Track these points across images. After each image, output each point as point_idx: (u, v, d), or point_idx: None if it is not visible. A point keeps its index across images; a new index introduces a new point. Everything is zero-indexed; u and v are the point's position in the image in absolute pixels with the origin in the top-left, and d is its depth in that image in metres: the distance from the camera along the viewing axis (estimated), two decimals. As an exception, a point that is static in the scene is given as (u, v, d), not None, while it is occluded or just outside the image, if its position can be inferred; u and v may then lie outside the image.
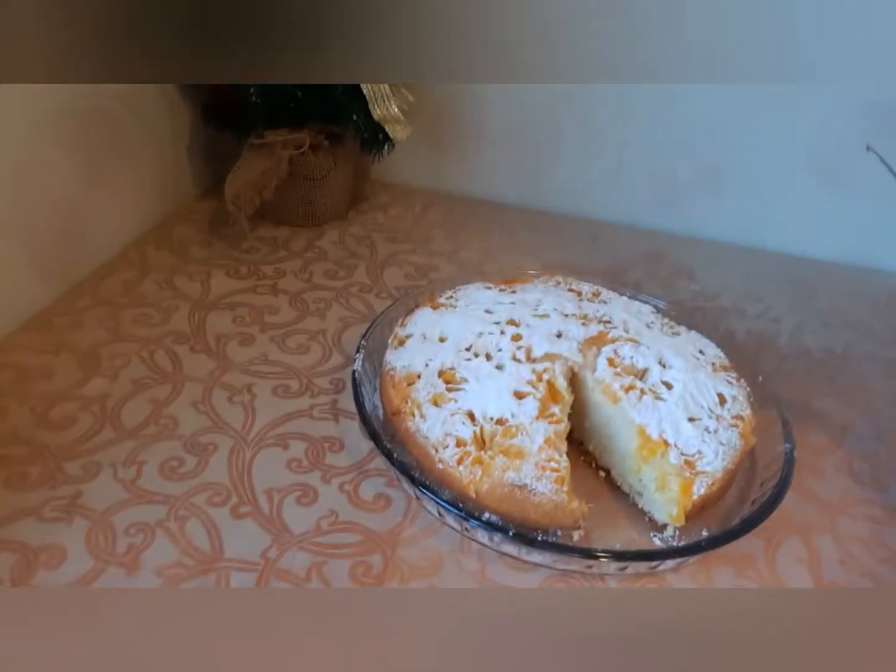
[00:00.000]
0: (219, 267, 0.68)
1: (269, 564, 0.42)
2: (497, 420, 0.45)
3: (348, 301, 0.65)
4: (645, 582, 0.43)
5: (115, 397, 0.52)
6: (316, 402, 0.54)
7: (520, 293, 0.57)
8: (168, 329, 0.59)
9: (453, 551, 0.43)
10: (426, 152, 0.85)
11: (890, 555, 0.45)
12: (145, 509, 0.44)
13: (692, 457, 0.44)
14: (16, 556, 0.41)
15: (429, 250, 0.74)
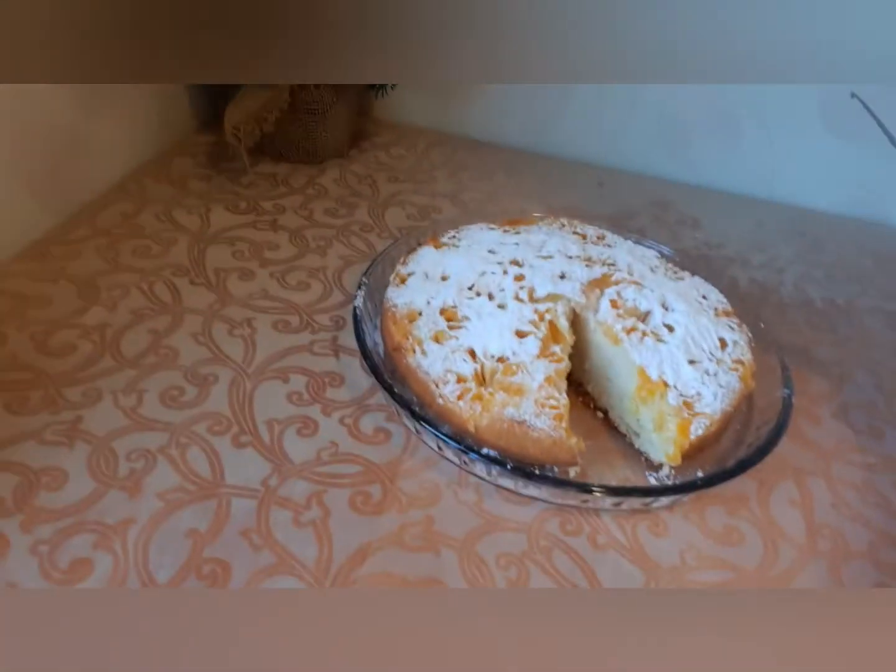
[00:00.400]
0: (218, 201, 0.67)
1: (269, 491, 0.42)
2: (498, 358, 0.45)
3: (349, 239, 0.65)
4: (639, 519, 0.43)
5: (114, 327, 0.52)
6: (316, 338, 0.53)
7: (524, 234, 0.57)
8: (167, 261, 0.59)
9: (451, 483, 0.44)
10: (431, 91, 0.82)
11: (881, 500, 0.46)
12: (146, 436, 0.44)
13: (691, 398, 0.44)
14: (17, 478, 0.41)
15: (431, 191, 0.73)
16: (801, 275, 0.67)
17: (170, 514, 0.40)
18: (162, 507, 0.41)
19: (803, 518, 0.44)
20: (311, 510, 0.41)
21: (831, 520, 0.44)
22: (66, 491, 0.41)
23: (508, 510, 0.43)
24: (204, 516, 0.40)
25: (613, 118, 0.79)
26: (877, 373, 0.56)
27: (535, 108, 0.81)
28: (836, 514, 0.45)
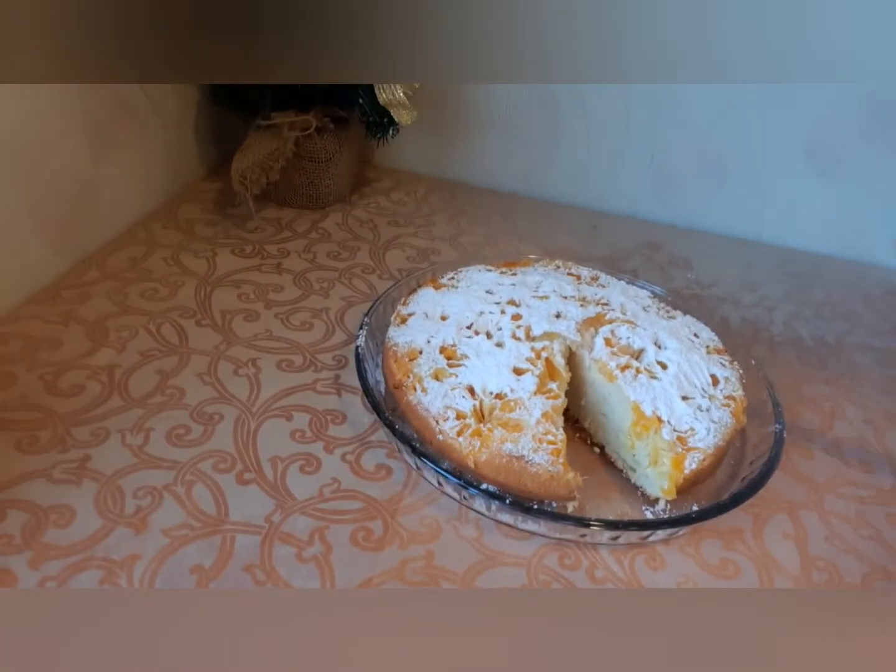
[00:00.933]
0: (224, 245, 0.69)
1: (272, 528, 0.43)
2: (496, 395, 0.46)
3: (351, 281, 0.67)
4: (636, 553, 0.44)
5: (122, 367, 0.53)
6: (319, 377, 0.55)
7: (520, 276, 0.59)
8: (174, 303, 0.61)
9: (451, 519, 0.45)
10: (430, 138, 0.86)
11: (875, 532, 0.47)
12: (153, 474, 0.45)
13: (684, 433, 0.46)
14: (26, 515, 0.42)
15: (431, 234, 0.75)
16: (791, 313, 0.68)
17: (175, 550, 0.41)
18: (167, 544, 0.41)
19: (797, 551, 0.45)
20: (313, 546, 0.42)
21: (825, 552, 0.45)
22: (73, 528, 0.42)
23: (508, 545, 0.44)
24: (208, 552, 0.41)
25: (605, 163, 0.82)
26: (866, 407, 0.57)
27: (530, 154, 0.84)
28: (829, 546, 0.46)
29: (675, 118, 0.77)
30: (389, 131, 0.73)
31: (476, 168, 0.86)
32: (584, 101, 0.79)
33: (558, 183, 0.84)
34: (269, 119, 0.70)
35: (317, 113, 0.72)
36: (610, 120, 0.79)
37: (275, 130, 0.70)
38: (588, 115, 0.79)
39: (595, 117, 0.79)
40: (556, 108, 0.80)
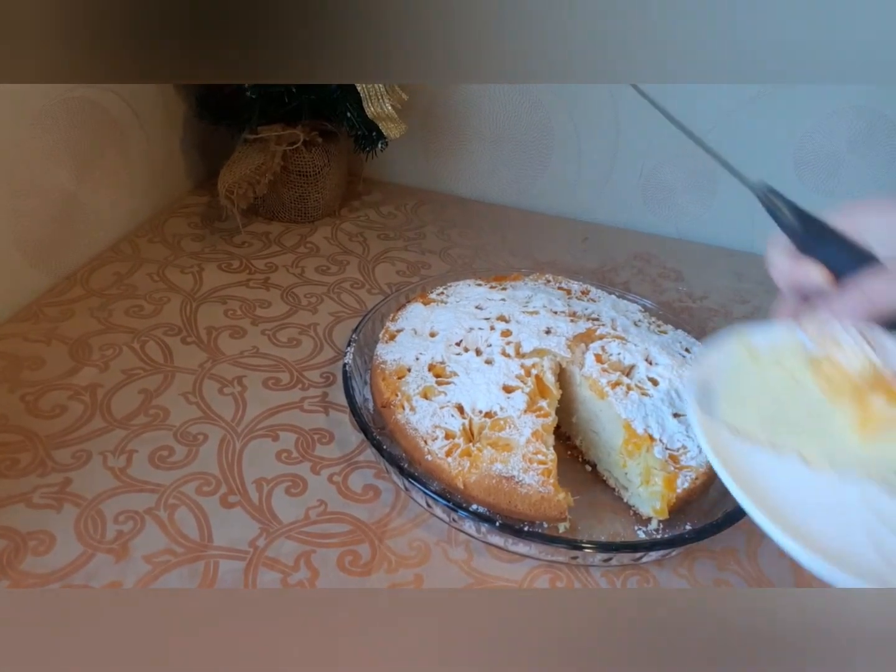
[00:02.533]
0: (211, 260, 0.68)
1: (257, 553, 0.42)
2: (486, 413, 0.46)
3: (340, 296, 0.66)
4: (629, 574, 0.43)
5: (105, 387, 0.52)
6: (306, 395, 0.54)
7: (510, 290, 0.58)
8: (159, 320, 0.60)
9: (440, 542, 0.44)
10: (419, 151, 0.85)
11: (869, 550, 0.46)
12: (135, 497, 0.44)
13: (677, 451, 0.45)
14: (4, 542, 0.41)
15: (420, 247, 0.75)
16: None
17: (157, 577, 0.40)
18: (149, 571, 0.40)
19: (792, 571, 0.44)
20: (299, 571, 0.41)
21: (821, 572, 0.44)
22: (53, 555, 0.41)
23: (498, 568, 0.43)
24: (191, 579, 0.40)
25: (595, 175, 0.81)
26: (860, 422, 0.57)
27: (520, 166, 0.83)
28: (825, 566, 0.45)
29: (665, 130, 0.76)
30: (378, 144, 0.72)
31: (466, 180, 0.86)
32: (573, 114, 0.78)
33: (548, 195, 0.84)
34: (256, 133, 0.70)
35: (304, 127, 0.71)
36: (600, 132, 0.79)
37: (262, 144, 0.70)
38: (578, 126, 0.79)
39: (585, 129, 0.79)
40: (546, 120, 0.80)
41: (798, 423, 0.31)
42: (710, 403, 0.35)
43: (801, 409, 0.31)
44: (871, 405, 0.28)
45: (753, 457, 0.32)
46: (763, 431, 0.32)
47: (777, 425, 0.32)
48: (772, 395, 0.32)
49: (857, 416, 0.28)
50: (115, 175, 0.68)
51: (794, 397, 0.31)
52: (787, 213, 0.37)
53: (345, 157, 0.77)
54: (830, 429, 0.29)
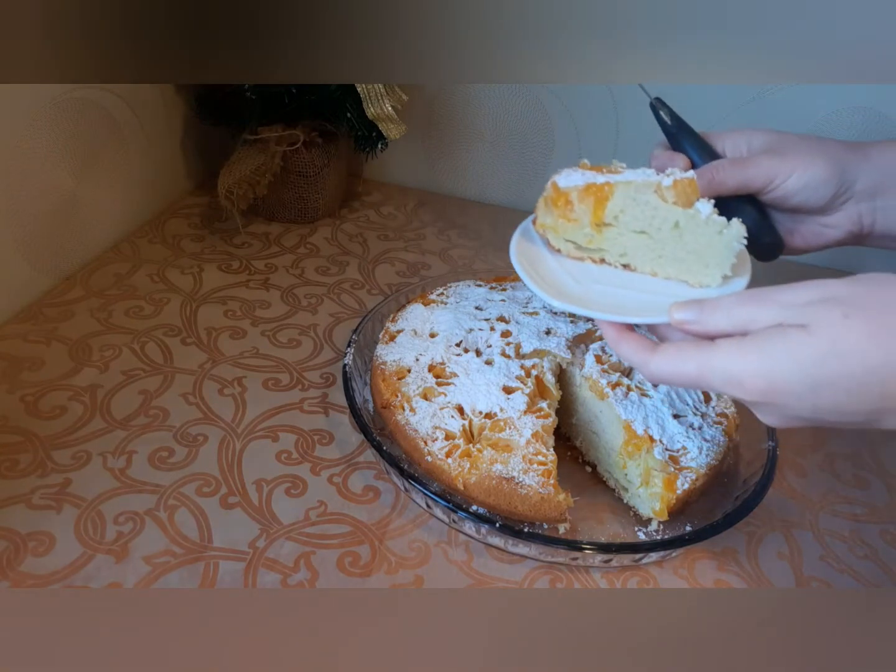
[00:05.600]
0: (211, 261, 0.68)
1: (257, 554, 0.42)
2: (486, 414, 0.46)
3: (339, 297, 0.66)
4: (629, 575, 0.43)
5: (105, 388, 0.52)
6: (306, 396, 0.54)
7: (510, 291, 0.58)
8: (159, 321, 0.60)
9: (440, 543, 0.44)
10: (419, 151, 0.85)
11: (869, 551, 0.46)
12: (135, 498, 0.44)
13: (676, 452, 0.45)
14: (4, 543, 0.41)
15: (420, 248, 0.75)
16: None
17: (157, 578, 0.40)
18: (149, 572, 0.40)
19: (792, 571, 0.44)
20: (299, 572, 0.41)
21: (820, 572, 0.44)
22: (52, 556, 0.41)
23: (498, 569, 0.43)
24: (191, 580, 0.40)
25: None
26: (860, 423, 0.57)
27: (520, 166, 0.83)
28: (824, 566, 0.45)
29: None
30: (378, 145, 0.72)
31: (466, 181, 0.86)
32: (573, 114, 0.78)
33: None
34: (256, 133, 0.70)
35: (304, 127, 0.71)
36: (600, 131, 0.79)
37: (262, 145, 0.70)
38: (578, 126, 0.79)
39: (585, 129, 0.79)
40: (546, 121, 0.80)
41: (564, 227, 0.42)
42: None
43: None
44: (602, 209, 0.39)
45: (543, 255, 0.44)
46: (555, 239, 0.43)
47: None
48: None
49: (593, 216, 0.40)
50: (115, 175, 0.68)
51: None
52: (668, 118, 0.46)
53: (345, 157, 0.77)
54: (582, 228, 0.41)
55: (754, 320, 0.33)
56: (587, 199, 0.40)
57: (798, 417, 0.33)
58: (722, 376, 0.33)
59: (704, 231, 0.39)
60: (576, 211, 0.40)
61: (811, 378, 0.30)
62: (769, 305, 0.33)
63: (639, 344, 0.36)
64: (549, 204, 0.42)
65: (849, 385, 0.30)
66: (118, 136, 0.67)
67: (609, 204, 0.40)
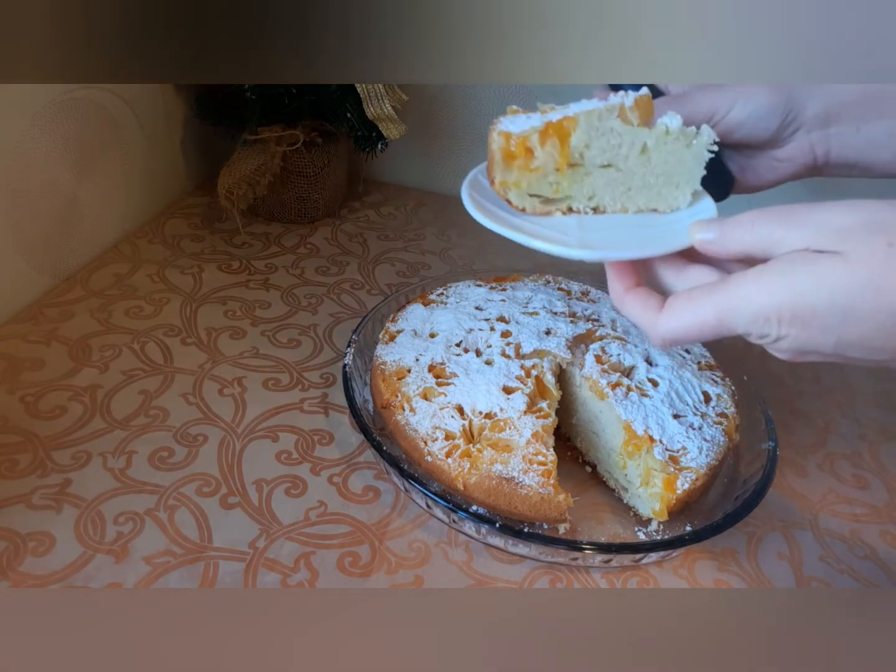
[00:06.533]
0: (211, 261, 0.68)
1: (257, 554, 0.42)
2: (486, 414, 0.46)
3: (339, 297, 0.66)
4: (629, 575, 0.43)
5: (105, 388, 0.52)
6: (306, 396, 0.54)
7: (510, 291, 0.58)
8: (159, 321, 0.60)
9: (440, 543, 0.44)
10: (419, 151, 0.85)
11: (869, 551, 0.46)
12: (135, 498, 0.44)
13: (676, 453, 0.45)
14: (4, 543, 0.41)
15: (420, 248, 0.75)
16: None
17: (157, 578, 0.40)
18: (149, 572, 0.40)
19: (792, 571, 0.44)
20: (299, 572, 0.41)
21: (820, 572, 0.45)
22: (52, 556, 0.41)
23: (498, 569, 0.43)
24: (191, 580, 0.40)
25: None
26: (860, 422, 0.57)
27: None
28: (824, 566, 0.45)
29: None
30: (378, 145, 0.72)
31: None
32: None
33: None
34: (256, 134, 0.70)
35: (304, 127, 0.71)
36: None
37: (262, 145, 0.69)
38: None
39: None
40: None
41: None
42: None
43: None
44: (567, 146, 0.37)
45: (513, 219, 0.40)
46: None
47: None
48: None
49: (560, 156, 0.37)
50: (115, 175, 0.68)
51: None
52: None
53: (345, 157, 0.77)
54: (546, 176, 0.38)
55: (782, 240, 0.29)
56: (549, 140, 0.36)
57: (816, 352, 0.30)
58: (746, 315, 0.29)
59: (673, 148, 0.37)
60: (537, 157, 0.37)
61: (843, 312, 0.28)
62: (800, 226, 0.29)
63: (647, 302, 0.33)
64: (506, 157, 0.38)
65: (884, 321, 0.27)
66: (118, 136, 0.67)
67: (572, 139, 0.37)
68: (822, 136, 0.42)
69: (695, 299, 0.31)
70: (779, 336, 0.30)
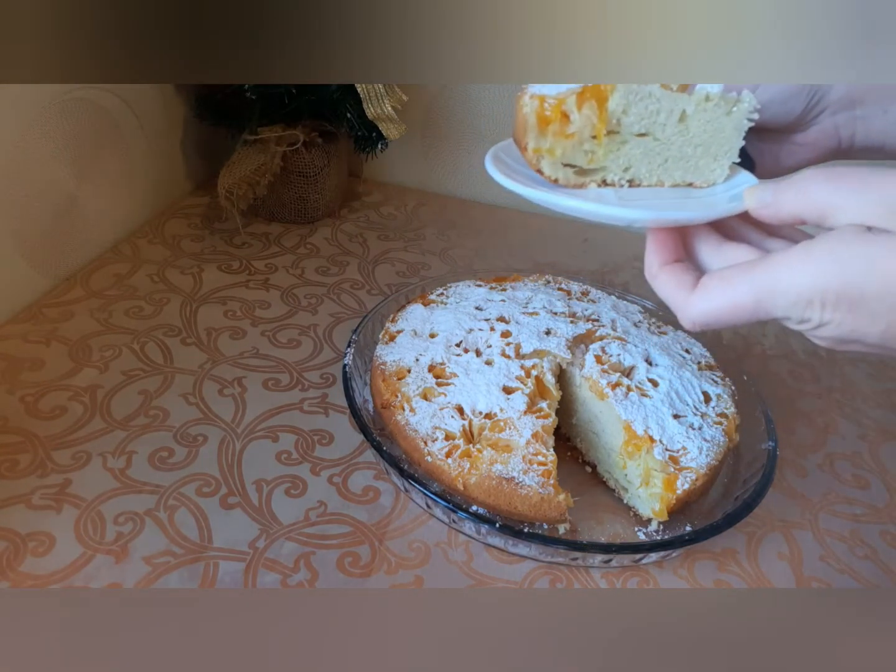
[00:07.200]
0: (211, 261, 0.68)
1: (257, 554, 0.42)
2: (486, 414, 0.46)
3: (339, 297, 0.66)
4: (629, 575, 0.43)
5: (105, 388, 0.52)
6: (306, 396, 0.54)
7: (510, 291, 0.58)
8: (159, 321, 0.60)
9: (440, 543, 0.44)
10: (419, 151, 0.85)
11: (870, 551, 0.46)
12: (135, 498, 0.44)
13: (676, 453, 0.45)
14: (4, 543, 0.41)
15: (420, 248, 0.75)
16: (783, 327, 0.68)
17: (156, 578, 0.40)
18: (149, 572, 0.40)
19: (792, 571, 0.44)
20: (299, 572, 0.41)
21: (820, 572, 0.45)
22: (52, 556, 0.41)
23: (498, 569, 0.43)
24: (191, 580, 0.40)
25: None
26: (860, 422, 0.57)
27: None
28: (824, 566, 0.45)
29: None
30: (378, 145, 0.72)
31: (465, 181, 0.86)
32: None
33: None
34: (256, 134, 0.70)
35: (304, 127, 0.71)
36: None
37: (262, 145, 0.70)
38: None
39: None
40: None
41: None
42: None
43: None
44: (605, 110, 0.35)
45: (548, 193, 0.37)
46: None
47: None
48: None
49: (599, 121, 0.35)
50: (115, 175, 0.68)
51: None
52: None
53: (345, 157, 0.77)
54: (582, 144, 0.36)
55: (840, 209, 0.27)
56: (587, 103, 0.35)
57: (859, 341, 0.28)
58: (788, 296, 0.27)
59: (713, 115, 0.35)
60: (573, 122, 0.35)
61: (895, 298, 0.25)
62: (859, 194, 0.26)
63: (681, 279, 0.31)
64: (540, 121, 0.36)
65: None
66: (118, 137, 0.67)
67: (610, 103, 0.35)
68: (848, 119, 0.39)
69: (730, 278, 0.29)
70: (821, 322, 0.27)
